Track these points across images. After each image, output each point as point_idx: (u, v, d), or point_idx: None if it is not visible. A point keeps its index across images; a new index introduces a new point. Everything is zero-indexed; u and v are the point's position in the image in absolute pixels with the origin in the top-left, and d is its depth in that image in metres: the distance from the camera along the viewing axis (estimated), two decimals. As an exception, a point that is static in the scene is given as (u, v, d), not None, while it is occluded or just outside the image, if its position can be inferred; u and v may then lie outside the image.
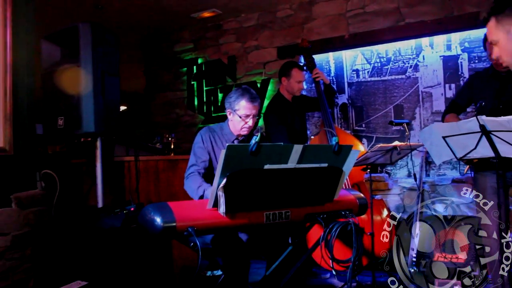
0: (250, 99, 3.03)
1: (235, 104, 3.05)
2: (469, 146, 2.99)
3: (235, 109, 3.05)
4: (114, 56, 3.23)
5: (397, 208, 4.75)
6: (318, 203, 2.46)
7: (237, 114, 3.05)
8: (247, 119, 3.05)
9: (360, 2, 5.06)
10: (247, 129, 3.09)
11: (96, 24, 3.12)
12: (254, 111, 3.06)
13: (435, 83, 4.75)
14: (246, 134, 3.12)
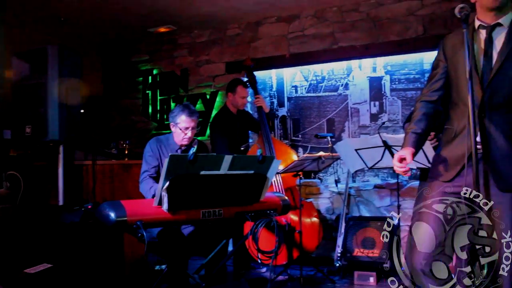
0: (189, 114, 3.50)
1: (177, 118, 3.52)
2: (377, 158, 3.59)
3: (176, 123, 3.53)
4: (78, 73, 3.68)
5: (327, 210, 5.33)
6: (246, 203, 2.98)
7: (178, 127, 3.52)
8: (186, 131, 3.52)
9: (300, 26, 5.59)
10: (187, 139, 3.55)
11: (62, 46, 3.57)
12: (192, 124, 3.52)
13: (362, 100, 5.33)
14: (186, 144, 3.58)
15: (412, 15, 5.05)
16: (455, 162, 2.28)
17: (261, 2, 5.23)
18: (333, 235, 5.01)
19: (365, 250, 4.48)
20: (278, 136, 5.73)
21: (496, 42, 2.25)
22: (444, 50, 2.43)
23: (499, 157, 2.19)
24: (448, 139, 2.36)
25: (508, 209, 2.17)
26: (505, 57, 2.20)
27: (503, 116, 2.22)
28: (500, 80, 2.22)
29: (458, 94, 2.33)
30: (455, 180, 2.28)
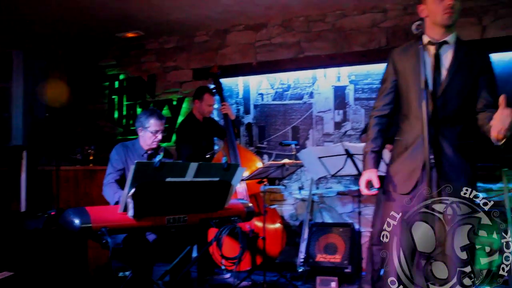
0: (159, 117, 3.59)
1: (146, 122, 3.58)
2: (339, 165, 3.70)
3: (146, 126, 3.58)
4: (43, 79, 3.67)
5: (291, 217, 5.42)
6: (211, 210, 3.02)
7: (148, 131, 3.57)
8: (157, 134, 3.59)
9: (267, 34, 5.69)
10: (157, 142, 3.62)
11: (28, 51, 3.55)
12: (162, 127, 3.61)
13: (326, 109, 5.45)
14: (155, 147, 3.64)
15: (376, 27, 5.21)
16: (410, 174, 2.38)
17: (229, 11, 5.29)
18: (296, 241, 5.08)
19: (327, 255, 4.58)
20: (243, 143, 5.79)
21: (443, 58, 2.39)
22: (394, 64, 2.53)
23: (448, 166, 2.33)
24: (400, 151, 2.47)
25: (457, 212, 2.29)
26: (453, 73, 2.35)
27: (451, 129, 2.37)
28: (449, 94, 2.36)
29: (408, 107, 2.44)
30: (414, 191, 2.37)
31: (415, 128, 2.36)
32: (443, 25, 2.38)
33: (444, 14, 2.34)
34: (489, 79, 2.41)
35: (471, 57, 2.40)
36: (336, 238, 4.61)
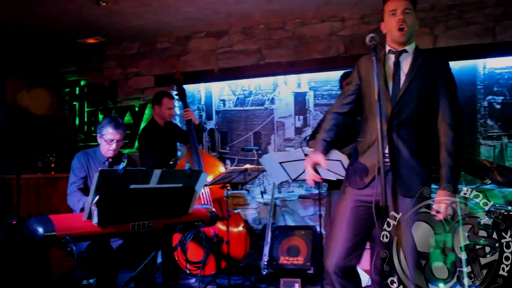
0: (115, 126, 3.57)
1: (103, 130, 3.58)
2: (300, 170, 3.80)
3: (102, 134, 3.58)
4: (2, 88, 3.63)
5: (254, 221, 5.51)
6: (175, 215, 3.07)
7: (103, 139, 3.58)
8: (111, 143, 3.57)
9: (229, 41, 5.77)
10: (112, 151, 3.61)
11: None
12: (118, 136, 3.59)
13: (287, 115, 5.59)
14: (111, 156, 3.63)
15: (335, 35, 5.37)
16: (367, 172, 2.54)
17: (190, 18, 5.35)
18: (260, 244, 5.17)
19: (290, 258, 4.67)
20: (206, 148, 5.86)
21: (403, 66, 2.57)
22: (359, 70, 2.71)
23: (403, 167, 2.48)
24: (362, 150, 2.63)
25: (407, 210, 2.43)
26: (411, 80, 2.53)
27: (408, 131, 2.52)
28: (406, 99, 2.53)
29: (370, 110, 2.60)
30: (367, 189, 2.53)
31: (376, 130, 2.48)
32: (399, 42, 2.57)
33: (396, 31, 2.52)
34: (446, 88, 2.57)
35: (430, 65, 2.57)
36: (298, 241, 4.71)
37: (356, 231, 2.56)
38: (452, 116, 2.55)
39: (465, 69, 5.08)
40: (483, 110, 5.02)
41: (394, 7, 2.54)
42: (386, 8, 2.60)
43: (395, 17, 2.53)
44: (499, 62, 4.98)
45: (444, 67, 2.59)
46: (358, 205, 2.56)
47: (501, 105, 4.97)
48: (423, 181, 2.49)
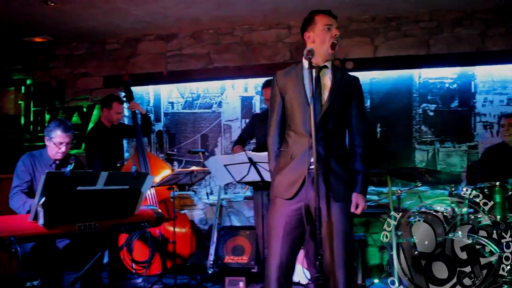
0: (64, 130, 3.58)
1: (52, 132, 3.58)
2: (244, 172, 3.95)
3: (51, 137, 3.58)
4: None
5: (201, 221, 5.63)
6: (121, 216, 3.15)
7: (52, 141, 3.58)
8: (61, 146, 3.58)
9: (178, 45, 5.86)
10: (61, 154, 3.61)
11: None
12: (67, 139, 3.60)
13: (234, 118, 5.75)
14: (60, 158, 3.64)
15: (281, 41, 5.57)
16: (294, 181, 2.66)
17: (140, 21, 5.41)
18: (206, 244, 5.28)
19: (235, 257, 4.82)
20: (154, 149, 5.93)
21: (324, 81, 2.70)
22: (278, 85, 2.81)
23: (329, 174, 2.64)
24: (286, 161, 2.72)
25: (339, 213, 2.63)
26: (333, 95, 2.67)
27: (331, 142, 2.67)
28: (329, 113, 2.66)
29: (294, 123, 2.73)
30: (297, 197, 2.67)
31: (300, 141, 2.66)
32: (326, 58, 2.70)
33: (329, 47, 2.67)
34: (359, 102, 2.79)
35: (347, 81, 2.75)
36: (243, 241, 4.87)
37: (291, 242, 2.67)
38: (364, 128, 2.78)
39: (402, 78, 5.39)
40: (418, 117, 5.34)
41: (330, 22, 2.70)
42: (319, 21, 2.70)
43: (330, 32, 2.68)
44: (432, 72, 5.33)
45: (358, 84, 2.80)
46: (290, 215, 2.66)
47: (434, 113, 5.32)
48: (347, 186, 2.69)
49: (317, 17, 2.72)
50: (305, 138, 2.64)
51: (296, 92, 2.70)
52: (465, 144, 5.26)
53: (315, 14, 2.74)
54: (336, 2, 4.91)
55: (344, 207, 2.66)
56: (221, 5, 5.00)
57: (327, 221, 2.60)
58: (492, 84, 5.22)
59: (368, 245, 5.20)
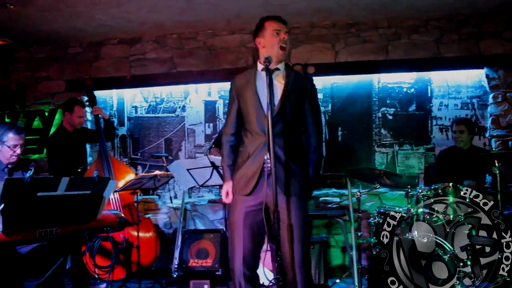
0: (17, 132, 3.57)
1: (4, 136, 3.55)
2: (206, 176, 4.01)
3: (3, 141, 3.55)
4: None
5: (165, 225, 5.63)
6: (83, 222, 3.15)
7: (6, 145, 3.55)
8: (15, 148, 3.57)
9: (142, 49, 5.85)
10: (16, 157, 3.60)
11: None
12: (21, 141, 3.59)
13: (198, 122, 5.78)
14: (15, 161, 3.61)
15: (244, 46, 5.64)
16: (251, 178, 2.80)
17: (103, 25, 5.39)
18: (171, 248, 5.26)
19: (200, 260, 4.84)
20: (117, 154, 5.91)
21: (276, 83, 2.85)
22: (235, 89, 2.96)
23: (284, 170, 2.78)
24: (243, 159, 2.88)
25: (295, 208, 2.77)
26: (286, 96, 2.82)
27: (285, 140, 2.81)
28: (282, 113, 2.82)
29: (249, 124, 2.88)
30: (254, 192, 2.80)
31: (256, 141, 2.82)
32: (278, 60, 2.84)
33: (279, 50, 2.83)
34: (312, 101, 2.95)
35: (300, 82, 2.91)
36: (207, 244, 4.89)
37: (252, 237, 2.80)
38: (318, 125, 2.96)
39: (363, 83, 5.54)
40: (377, 121, 5.50)
41: (278, 27, 2.85)
42: (268, 26, 2.86)
43: (279, 36, 2.83)
44: (391, 77, 5.50)
45: (310, 83, 2.97)
46: (250, 210, 2.81)
47: (393, 116, 5.48)
48: (302, 181, 2.84)
49: (267, 23, 2.88)
50: (260, 137, 2.80)
51: (250, 94, 2.85)
52: (423, 147, 5.44)
53: (265, 21, 2.90)
54: (297, 8, 5.02)
55: (300, 202, 2.81)
56: (184, 10, 5.03)
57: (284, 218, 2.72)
58: (447, 89, 5.42)
59: (330, 246, 5.31)
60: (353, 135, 5.55)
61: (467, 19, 5.31)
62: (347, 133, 5.57)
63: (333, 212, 4.88)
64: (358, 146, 5.54)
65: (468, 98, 5.39)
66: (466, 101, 5.39)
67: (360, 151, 5.53)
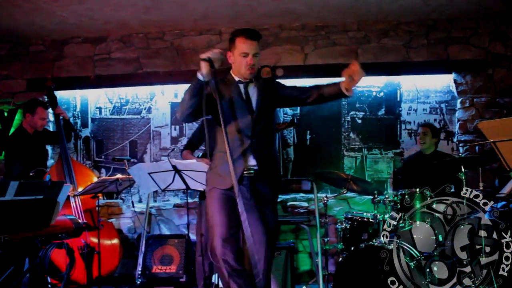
0: None
1: None
2: (169, 180, 3.88)
3: None
4: None
5: (129, 230, 5.47)
6: (35, 228, 3.01)
7: None
8: None
9: (107, 48, 5.67)
10: None
11: None
12: None
13: (163, 124, 5.65)
14: None
15: (212, 47, 5.49)
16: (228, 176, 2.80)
17: (66, 22, 5.21)
18: (135, 254, 5.14)
19: (163, 266, 4.74)
20: (81, 156, 5.72)
21: (251, 91, 3.03)
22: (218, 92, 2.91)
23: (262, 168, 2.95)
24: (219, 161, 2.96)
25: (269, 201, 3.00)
26: (261, 102, 3.02)
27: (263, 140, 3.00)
28: (260, 117, 3.00)
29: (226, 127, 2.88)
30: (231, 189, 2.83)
31: (236, 142, 2.92)
32: (247, 76, 2.98)
33: (246, 71, 2.94)
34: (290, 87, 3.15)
35: (269, 87, 3.10)
36: (171, 249, 4.79)
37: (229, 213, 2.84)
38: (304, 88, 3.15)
39: (332, 86, 5.47)
40: (346, 124, 5.46)
41: (246, 51, 2.90)
42: (237, 45, 2.94)
43: (246, 59, 2.91)
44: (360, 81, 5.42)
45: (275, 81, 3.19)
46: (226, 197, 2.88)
47: (362, 120, 5.45)
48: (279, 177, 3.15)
49: (237, 40, 2.96)
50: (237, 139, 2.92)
51: (228, 100, 2.95)
52: (392, 151, 5.42)
53: (236, 36, 2.97)
54: (266, 10, 4.95)
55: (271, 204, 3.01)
56: (149, 9, 4.90)
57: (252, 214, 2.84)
58: (416, 93, 5.42)
59: (298, 252, 5.24)
60: (322, 138, 5.49)
61: (436, 24, 5.32)
62: (316, 136, 5.50)
63: (298, 218, 4.80)
64: (326, 150, 5.48)
65: (436, 103, 5.39)
66: (435, 105, 5.39)
67: (329, 155, 5.47)
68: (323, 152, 5.48)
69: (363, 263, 3.69)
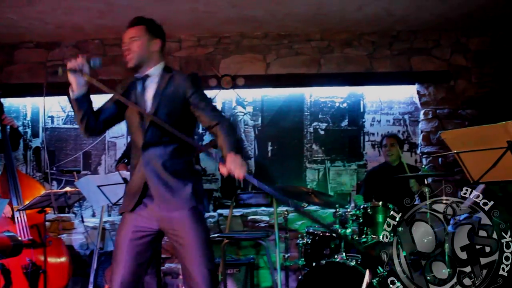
0: None
1: None
2: (120, 194, 3.65)
3: None
4: None
5: (81, 246, 5.18)
6: (-34, 247, 2.77)
7: None
8: None
9: (60, 54, 5.40)
10: None
11: None
12: None
13: (119, 135, 5.40)
14: None
15: (171, 55, 5.34)
16: (134, 193, 2.48)
17: (15, 26, 4.94)
18: (87, 271, 4.87)
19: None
20: (30, 168, 5.42)
21: (148, 91, 2.55)
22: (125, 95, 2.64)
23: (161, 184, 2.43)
24: (131, 175, 2.57)
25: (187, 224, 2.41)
26: (157, 104, 2.48)
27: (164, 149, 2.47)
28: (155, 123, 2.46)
29: (131, 136, 2.60)
30: (137, 209, 2.46)
31: (136, 154, 2.51)
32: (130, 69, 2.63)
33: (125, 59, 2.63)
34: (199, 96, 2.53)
35: (175, 84, 2.53)
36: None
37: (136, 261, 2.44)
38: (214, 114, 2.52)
39: (294, 96, 5.38)
40: (309, 136, 5.34)
41: (123, 39, 2.65)
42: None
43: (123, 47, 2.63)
44: (323, 91, 5.37)
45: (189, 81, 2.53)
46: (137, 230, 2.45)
47: (325, 131, 5.35)
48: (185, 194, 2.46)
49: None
50: (138, 150, 2.48)
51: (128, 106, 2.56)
52: (355, 163, 5.33)
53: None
54: (226, 16, 4.81)
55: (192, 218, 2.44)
56: (104, 14, 4.69)
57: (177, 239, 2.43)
58: (380, 104, 5.35)
59: (259, 268, 5.07)
60: (283, 150, 5.36)
61: (399, 35, 5.30)
62: (278, 148, 5.36)
63: (256, 234, 4.61)
64: (288, 162, 5.34)
65: (400, 114, 5.35)
66: (398, 117, 5.35)
67: (291, 167, 5.34)
68: (285, 165, 5.34)
69: (325, 279, 3.56)
